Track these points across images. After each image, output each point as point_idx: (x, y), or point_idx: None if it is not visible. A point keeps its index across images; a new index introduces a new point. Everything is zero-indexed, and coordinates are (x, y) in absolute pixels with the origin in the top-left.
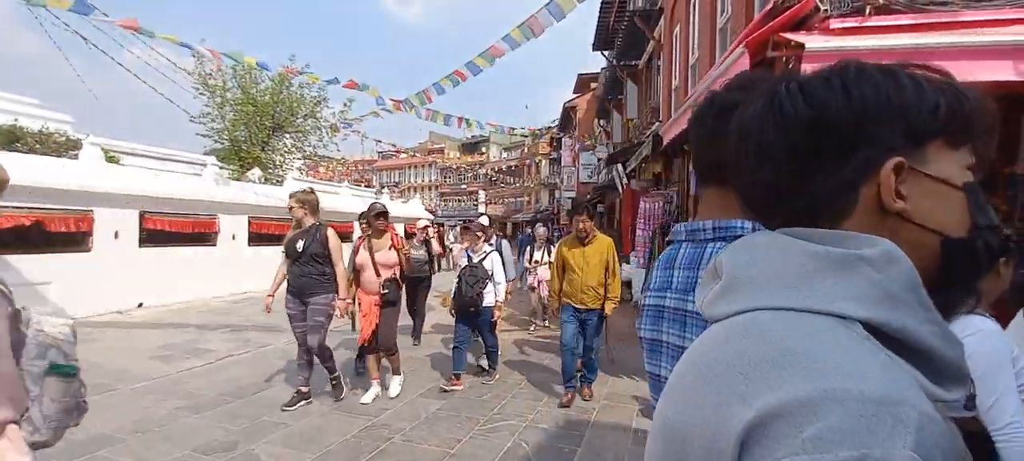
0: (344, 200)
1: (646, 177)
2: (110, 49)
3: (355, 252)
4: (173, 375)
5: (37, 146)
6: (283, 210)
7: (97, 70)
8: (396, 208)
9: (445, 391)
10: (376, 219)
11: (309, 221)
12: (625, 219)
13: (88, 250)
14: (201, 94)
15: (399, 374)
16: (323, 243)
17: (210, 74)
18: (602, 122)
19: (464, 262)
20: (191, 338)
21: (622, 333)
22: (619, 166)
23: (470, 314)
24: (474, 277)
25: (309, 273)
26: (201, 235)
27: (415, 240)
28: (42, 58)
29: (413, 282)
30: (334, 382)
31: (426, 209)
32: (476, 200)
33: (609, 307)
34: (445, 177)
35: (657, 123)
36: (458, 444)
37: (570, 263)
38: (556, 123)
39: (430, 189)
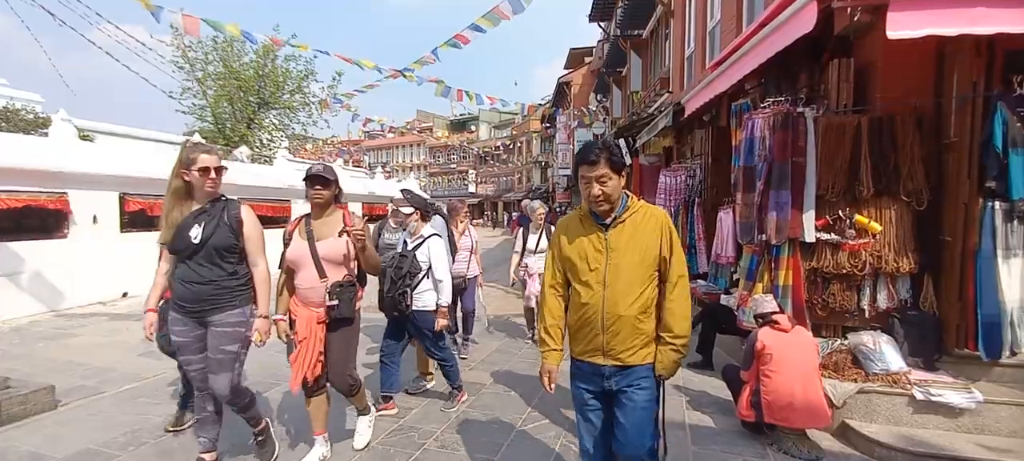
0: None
1: (655, 151)
2: (80, 27)
3: (287, 242)
4: (167, 374)
5: (2, 124)
6: (276, 191)
7: (70, 51)
8: (390, 188)
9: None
10: (313, 186)
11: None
12: (635, 194)
13: (64, 236)
14: (180, 68)
15: (367, 413)
16: (234, 227)
17: (189, 46)
18: (600, 97)
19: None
20: None
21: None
22: (622, 141)
23: (396, 319)
24: (399, 270)
25: (209, 277)
26: None
27: (390, 222)
28: (9, 37)
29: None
30: (260, 438)
31: (421, 189)
32: (466, 180)
33: (667, 360)
34: (434, 157)
35: (666, 93)
36: None
37: (578, 265)
38: (548, 100)
39: (419, 168)
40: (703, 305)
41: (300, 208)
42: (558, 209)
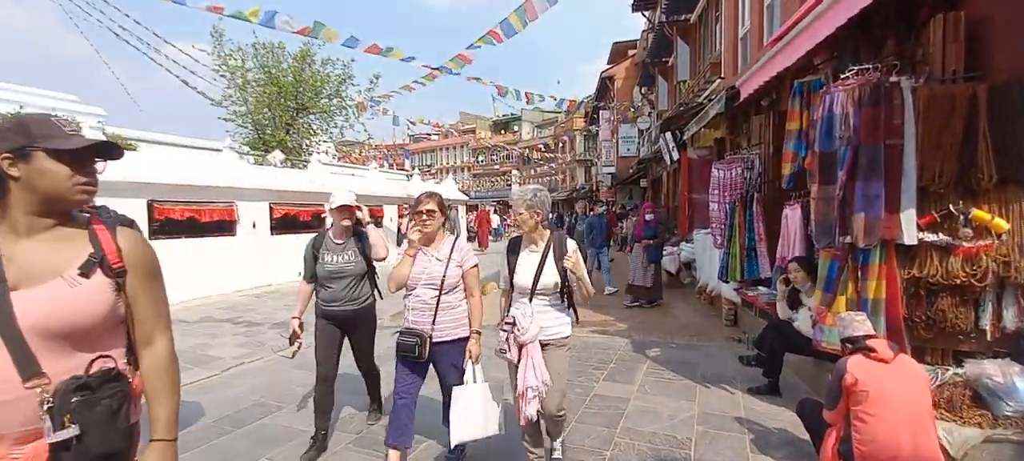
0: (372, 182)
1: (704, 144)
2: (144, 47)
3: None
4: None
5: None
6: (307, 195)
7: (142, 74)
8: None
9: None
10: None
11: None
12: (682, 191)
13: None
14: (221, 76)
15: None
16: None
17: (230, 54)
18: (644, 90)
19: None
20: (199, 342)
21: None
22: (669, 134)
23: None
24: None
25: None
26: (218, 224)
27: (329, 235)
28: (86, 61)
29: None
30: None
31: (459, 190)
32: (509, 180)
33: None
34: (477, 158)
35: (717, 79)
36: None
37: None
38: (590, 98)
39: (462, 170)
40: (766, 316)
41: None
42: (604, 207)
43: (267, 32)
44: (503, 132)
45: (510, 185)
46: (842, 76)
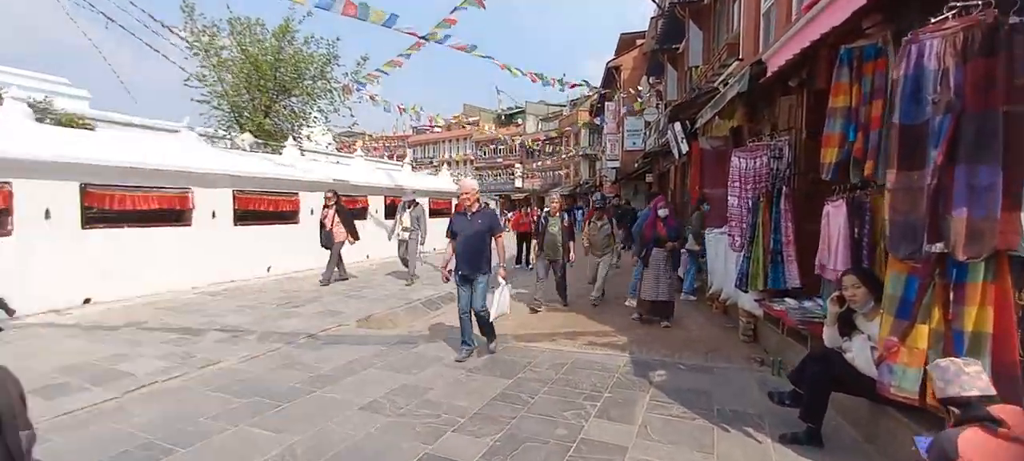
0: (355, 171)
1: (719, 133)
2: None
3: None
4: (42, 422)
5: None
6: (281, 183)
7: (143, 64)
8: (424, 182)
9: None
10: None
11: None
12: (693, 185)
13: (8, 233)
14: (194, 54)
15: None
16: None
17: (203, 30)
18: (652, 79)
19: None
20: (114, 353)
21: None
22: (677, 124)
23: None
24: None
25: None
26: (171, 212)
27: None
28: (92, 51)
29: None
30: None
31: (455, 183)
32: (512, 174)
33: None
34: (481, 151)
35: (734, 62)
36: None
37: None
38: (594, 91)
39: (464, 163)
40: (798, 338)
41: (309, 201)
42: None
43: (242, 5)
44: (507, 125)
45: (513, 178)
46: (934, 21)
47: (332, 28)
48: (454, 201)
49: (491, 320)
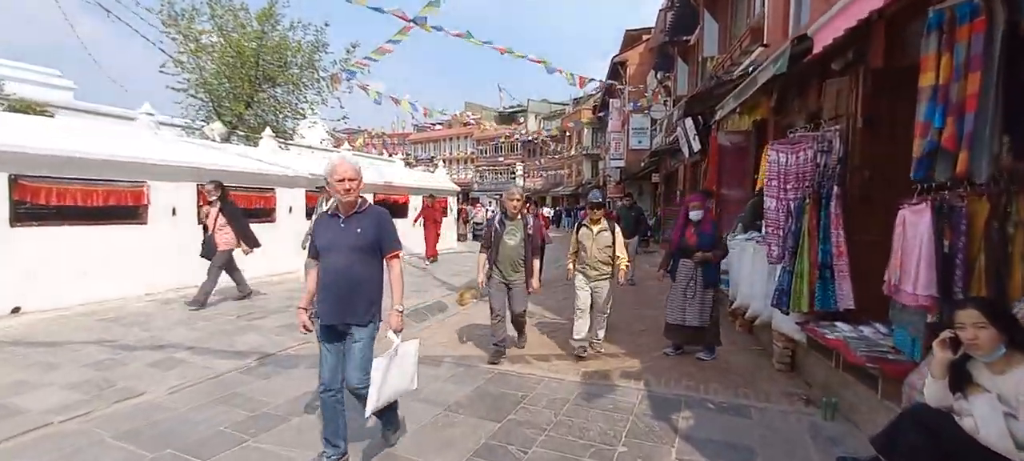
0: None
1: (739, 127)
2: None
3: None
4: None
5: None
6: (256, 178)
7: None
8: (418, 179)
9: None
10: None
11: None
12: (710, 185)
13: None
14: (172, 38)
15: None
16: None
17: (181, 13)
18: (660, 75)
19: None
20: (19, 379)
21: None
22: (689, 121)
23: None
24: None
25: None
26: (122, 208)
27: None
28: (98, 45)
29: None
30: None
31: (454, 181)
32: (513, 173)
33: None
34: (482, 150)
35: (758, 48)
36: None
37: None
38: (603, 84)
39: (466, 162)
40: (865, 378)
41: (287, 198)
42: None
43: None
44: (509, 123)
45: (514, 177)
46: None
47: (320, 12)
48: (451, 202)
49: (378, 406)
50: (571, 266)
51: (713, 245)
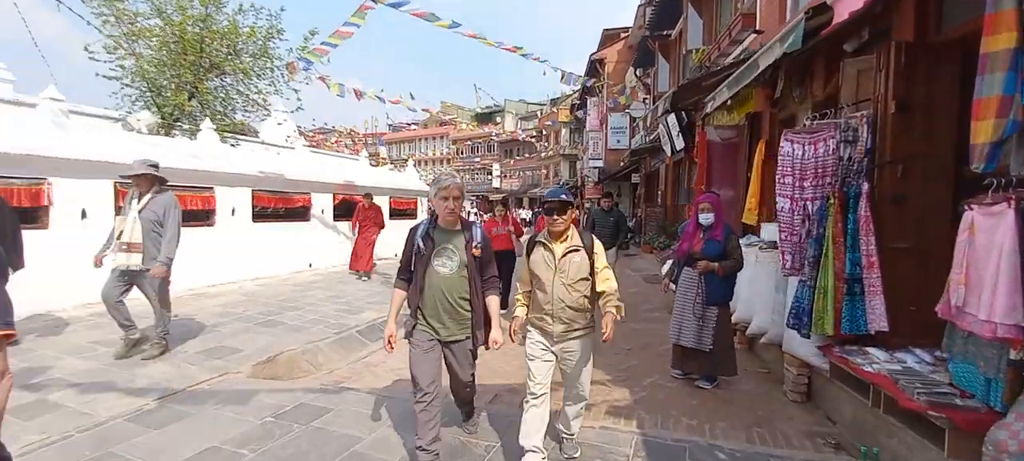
0: (293, 162)
1: (730, 122)
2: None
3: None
4: None
5: None
6: (190, 176)
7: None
8: (385, 178)
9: None
10: None
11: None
12: (698, 184)
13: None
14: (104, 20)
15: None
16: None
17: None
18: (640, 72)
19: None
20: None
21: None
22: (672, 117)
23: None
24: None
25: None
26: (21, 213)
27: None
28: (59, 41)
29: None
30: None
31: (428, 183)
32: (490, 174)
33: None
34: (458, 150)
35: (751, 35)
36: None
37: None
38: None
39: (442, 162)
40: (914, 424)
41: (229, 198)
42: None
43: None
44: (486, 123)
45: (491, 179)
46: None
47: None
48: (422, 202)
49: None
50: (521, 314)
51: (722, 255)
